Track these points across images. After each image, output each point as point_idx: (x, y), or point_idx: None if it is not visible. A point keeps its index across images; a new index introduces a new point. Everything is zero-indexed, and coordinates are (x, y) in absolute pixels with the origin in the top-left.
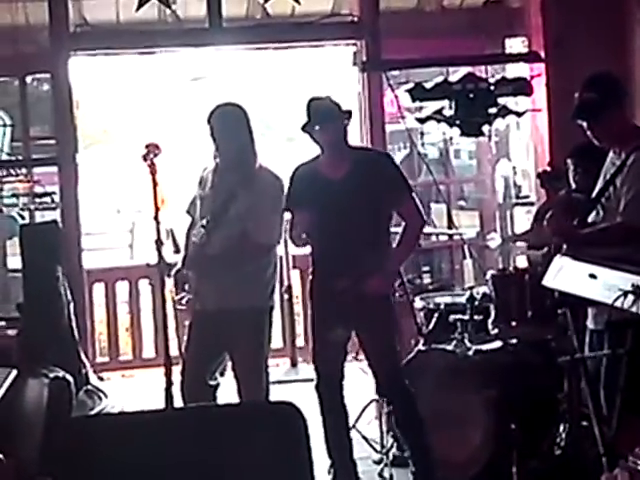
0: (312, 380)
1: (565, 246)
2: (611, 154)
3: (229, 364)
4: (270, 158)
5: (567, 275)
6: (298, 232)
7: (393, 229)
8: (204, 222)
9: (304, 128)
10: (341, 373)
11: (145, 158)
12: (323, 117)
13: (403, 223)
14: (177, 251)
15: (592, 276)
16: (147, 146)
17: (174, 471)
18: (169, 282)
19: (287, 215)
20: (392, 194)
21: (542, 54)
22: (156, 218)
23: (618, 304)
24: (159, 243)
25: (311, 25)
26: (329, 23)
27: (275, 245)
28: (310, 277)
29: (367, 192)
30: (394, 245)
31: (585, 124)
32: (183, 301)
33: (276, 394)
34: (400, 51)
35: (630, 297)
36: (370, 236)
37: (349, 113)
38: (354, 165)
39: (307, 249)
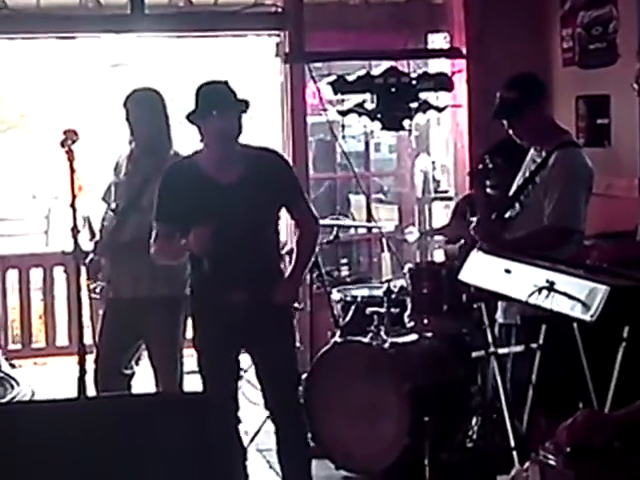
0: None
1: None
2: (532, 151)
3: (145, 352)
4: (189, 148)
5: (483, 270)
6: (169, 247)
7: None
8: (113, 206)
9: (190, 116)
10: (235, 398)
11: (63, 144)
12: (216, 104)
13: (298, 228)
14: (93, 238)
15: (507, 271)
16: (65, 132)
17: (86, 461)
18: (84, 270)
19: (155, 226)
20: (285, 197)
21: (464, 50)
22: (73, 205)
23: (532, 300)
24: (75, 230)
25: (234, 14)
26: (252, 13)
27: (156, 257)
28: (190, 292)
29: (260, 197)
30: (293, 256)
31: (506, 123)
32: (97, 289)
33: (191, 384)
34: (323, 43)
35: (544, 292)
36: (263, 243)
37: (246, 103)
38: (246, 167)
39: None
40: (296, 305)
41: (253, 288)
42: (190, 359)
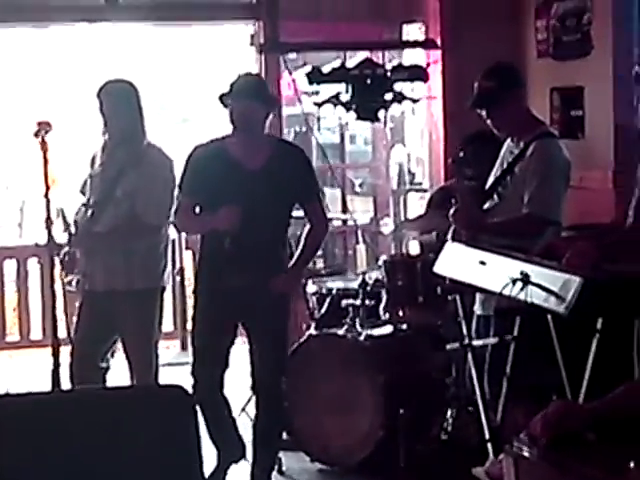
0: None
1: (463, 233)
2: (509, 142)
3: (120, 345)
4: (164, 139)
5: (458, 262)
6: (190, 219)
7: None
8: (86, 199)
9: (222, 97)
10: (224, 366)
11: (36, 135)
12: (248, 92)
13: (308, 225)
14: (67, 230)
15: (482, 263)
16: (39, 123)
17: (61, 455)
18: (59, 263)
19: (178, 198)
20: (302, 192)
21: (438, 41)
22: (46, 196)
23: (506, 292)
24: (49, 222)
25: (209, 3)
26: (227, 2)
27: (164, 225)
28: (198, 269)
29: (280, 188)
30: (299, 247)
31: (484, 113)
32: (73, 283)
33: (166, 377)
34: (298, 34)
35: (518, 284)
36: (275, 231)
37: (275, 102)
38: (271, 155)
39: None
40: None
41: (258, 272)
42: (165, 351)
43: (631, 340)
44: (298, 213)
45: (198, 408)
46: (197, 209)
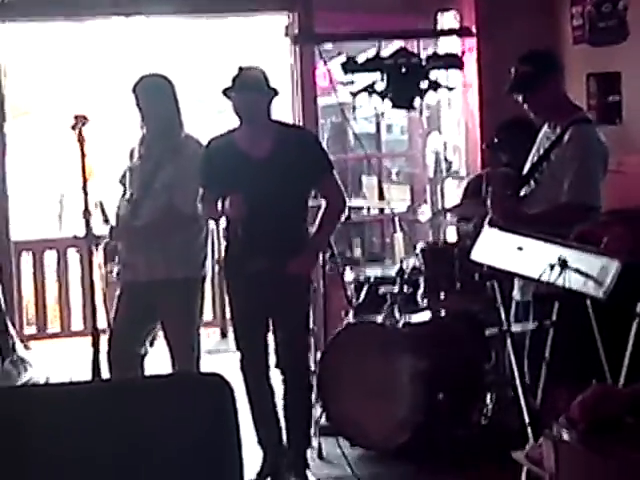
0: None
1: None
2: (545, 128)
3: (160, 334)
4: (201, 131)
5: (494, 248)
6: (210, 209)
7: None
8: (127, 196)
9: (226, 91)
10: (265, 352)
11: (74, 128)
12: (249, 85)
13: (324, 202)
14: (106, 222)
15: (519, 248)
16: (76, 117)
17: (102, 444)
18: (97, 254)
19: (201, 190)
20: (314, 173)
21: (473, 29)
22: (84, 189)
23: (545, 277)
24: (87, 214)
25: None
26: None
27: (202, 215)
28: (224, 256)
29: (289, 172)
30: (315, 225)
31: (521, 97)
32: (113, 273)
33: (206, 364)
34: (333, 24)
35: (556, 269)
36: (289, 215)
37: (275, 91)
38: (276, 142)
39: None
40: (327, 267)
41: (274, 257)
42: (205, 339)
43: None
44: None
45: (246, 397)
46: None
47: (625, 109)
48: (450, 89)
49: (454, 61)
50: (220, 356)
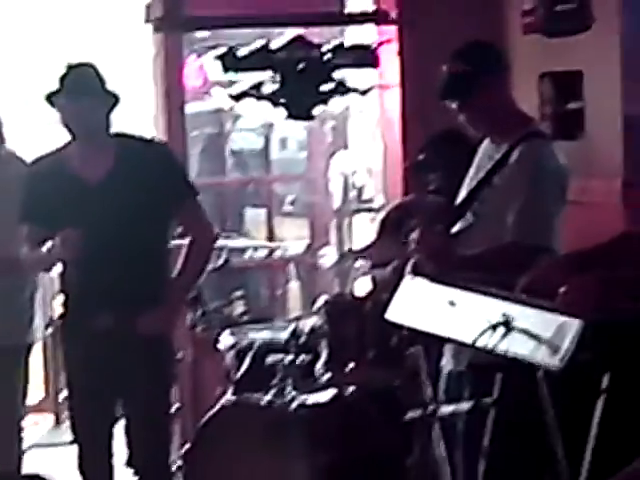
0: None
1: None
2: (487, 144)
3: None
4: (31, 145)
5: (419, 303)
6: (32, 252)
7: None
8: None
9: (50, 97)
10: (111, 446)
11: None
12: (81, 88)
13: (188, 238)
14: None
15: (451, 304)
16: None
17: None
18: None
19: (22, 229)
20: (171, 200)
21: (393, 14)
22: None
23: (483, 341)
24: None
25: None
26: None
27: (27, 261)
28: (59, 314)
29: (137, 199)
30: (177, 266)
31: (455, 105)
32: None
33: (33, 462)
34: (208, 6)
35: (499, 331)
36: (141, 256)
37: (115, 97)
38: (119, 161)
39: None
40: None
41: (122, 313)
42: (34, 428)
43: None
44: None
45: None
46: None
47: (589, 120)
48: (362, 93)
49: (367, 56)
50: (52, 451)
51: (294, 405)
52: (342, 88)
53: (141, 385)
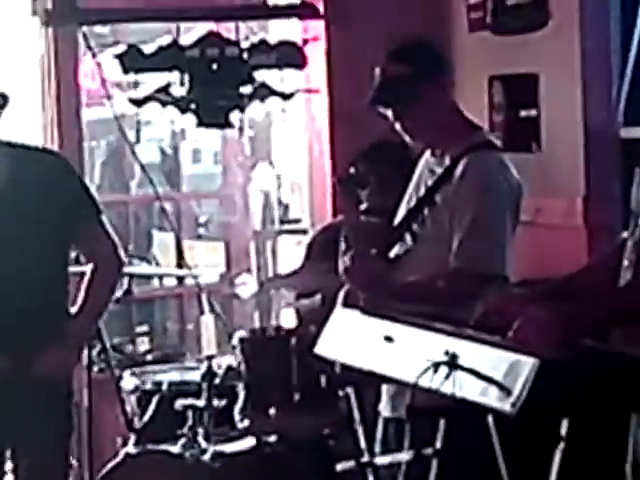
0: None
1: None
2: (428, 157)
3: None
4: None
5: (352, 338)
6: None
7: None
8: None
9: None
10: None
11: None
12: None
13: (90, 265)
14: None
15: (388, 339)
16: None
17: None
18: None
19: None
20: (70, 221)
21: (321, 8)
22: None
23: (425, 382)
24: None
25: None
26: None
27: None
28: None
29: (28, 221)
30: (77, 302)
31: (391, 112)
32: None
33: None
34: None
35: (442, 370)
36: (34, 287)
37: (4, 97)
38: (6, 175)
39: None
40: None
41: (13, 352)
42: None
43: (615, 452)
44: None
45: None
46: None
47: (545, 129)
48: (286, 97)
49: (291, 54)
50: None
51: (207, 456)
52: (263, 91)
53: (33, 433)
